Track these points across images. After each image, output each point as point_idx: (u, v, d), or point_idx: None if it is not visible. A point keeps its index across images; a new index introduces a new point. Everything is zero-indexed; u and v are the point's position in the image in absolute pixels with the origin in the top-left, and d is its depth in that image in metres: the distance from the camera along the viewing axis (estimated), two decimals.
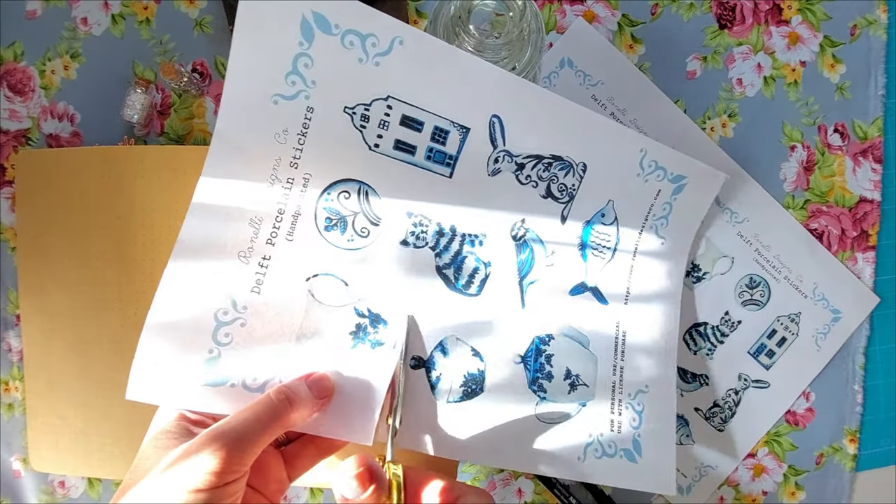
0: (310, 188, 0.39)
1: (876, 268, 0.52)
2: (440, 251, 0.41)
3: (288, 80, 0.37)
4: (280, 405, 0.35)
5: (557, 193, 0.43)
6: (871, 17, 0.51)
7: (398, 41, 0.37)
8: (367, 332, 0.40)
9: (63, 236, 0.48)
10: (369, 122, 0.38)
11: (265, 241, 0.38)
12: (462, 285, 0.42)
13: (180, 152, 0.48)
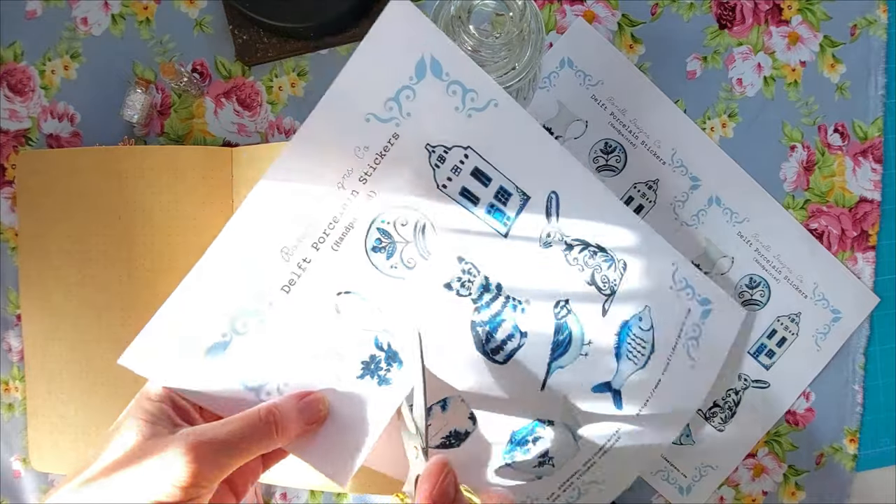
0: (371, 205, 0.39)
1: (876, 268, 0.52)
2: (480, 306, 0.41)
3: (386, 105, 0.38)
4: (265, 427, 0.34)
5: (600, 284, 0.44)
6: (871, 17, 0.51)
7: (493, 103, 0.39)
8: (380, 367, 0.39)
9: (63, 236, 0.48)
10: (444, 164, 0.40)
11: (310, 244, 0.38)
12: (491, 349, 0.42)
13: (180, 152, 0.48)
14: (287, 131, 0.51)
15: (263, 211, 0.37)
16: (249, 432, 0.34)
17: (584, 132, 0.50)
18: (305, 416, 0.36)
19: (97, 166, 0.47)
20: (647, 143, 0.51)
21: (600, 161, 0.50)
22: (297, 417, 0.36)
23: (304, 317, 0.38)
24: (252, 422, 0.34)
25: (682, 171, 0.51)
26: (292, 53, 0.50)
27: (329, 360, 0.39)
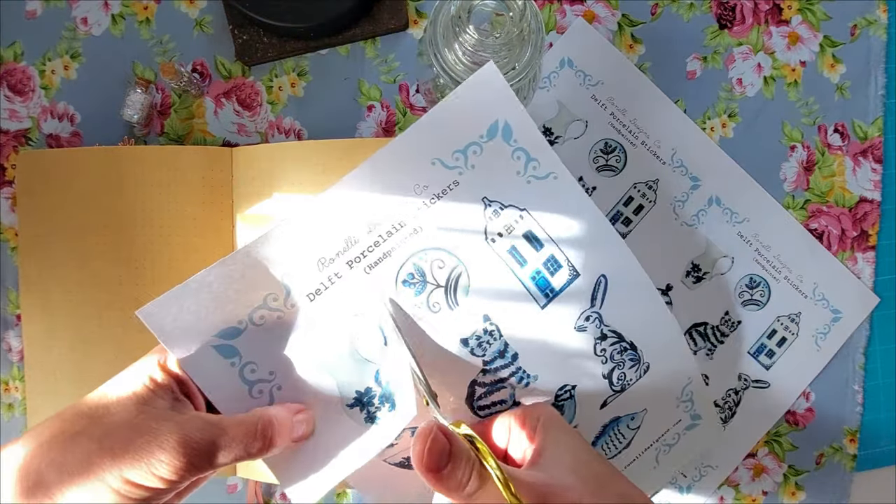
0: (413, 239, 0.39)
1: (876, 268, 0.52)
2: (488, 369, 0.41)
3: (453, 155, 0.40)
4: (261, 440, 0.35)
5: (615, 380, 0.43)
6: (871, 17, 0.51)
7: (553, 176, 0.41)
8: (372, 402, 0.39)
9: (63, 236, 0.48)
10: (497, 219, 0.41)
11: (346, 261, 0.39)
12: (478, 406, 0.42)
13: (180, 152, 0.48)
14: (287, 131, 0.51)
15: (316, 219, 0.38)
16: (246, 442, 0.34)
17: (584, 132, 0.50)
18: (296, 433, 0.37)
19: (97, 166, 0.47)
20: (647, 143, 0.51)
21: (600, 161, 0.50)
22: (288, 434, 0.36)
23: (319, 328, 0.39)
24: (250, 431, 0.34)
25: (682, 171, 0.51)
26: (292, 53, 0.50)
27: (328, 378, 0.39)
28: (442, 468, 0.32)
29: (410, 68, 0.51)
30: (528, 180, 0.41)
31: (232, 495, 0.51)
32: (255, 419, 0.35)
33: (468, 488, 0.32)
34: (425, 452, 0.32)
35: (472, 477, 0.32)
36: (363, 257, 0.39)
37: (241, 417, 0.35)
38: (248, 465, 0.48)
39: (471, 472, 0.32)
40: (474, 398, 0.41)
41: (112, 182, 0.47)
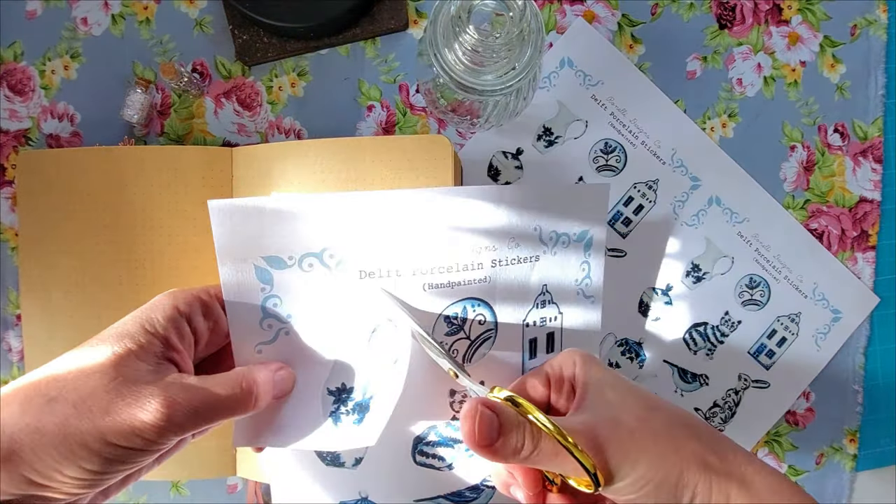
0: (479, 286, 0.40)
1: (876, 268, 0.52)
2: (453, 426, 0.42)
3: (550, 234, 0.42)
4: (245, 398, 0.35)
5: None
6: (871, 17, 0.51)
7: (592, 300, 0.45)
8: (346, 404, 0.39)
9: (63, 236, 0.48)
10: (541, 309, 0.43)
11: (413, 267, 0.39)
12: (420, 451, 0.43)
13: (180, 152, 0.48)
14: (287, 131, 0.51)
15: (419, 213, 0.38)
16: (230, 401, 0.34)
17: (584, 132, 0.50)
18: (277, 390, 0.37)
19: (97, 166, 0.47)
20: (647, 143, 0.51)
21: (600, 161, 0.50)
22: (270, 392, 0.36)
23: (352, 306, 0.38)
24: (234, 391, 0.34)
25: (682, 171, 0.51)
26: (292, 53, 0.50)
27: (329, 354, 0.39)
28: (494, 441, 0.32)
29: (410, 68, 0.51)
30: (577, 292, 0.44)
31: (232, 495, 0.51)
32: (239, 379, 0.35)
33: (524, 452, 0.33)
34: (476, 431, 0.32)
35: (526, 439, 0.33)
36: (429, 273, 0.39)
37: (224, 378, 0.35)
38: (249, 466, 0.48)
39: (523, 435, 0.33)
40: (419, 441, 0.43)
41: (112, 182, 0.47)
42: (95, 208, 0.47)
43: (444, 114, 0.47)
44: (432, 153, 0.45)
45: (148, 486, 0.50)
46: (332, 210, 0.38)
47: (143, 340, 0.34)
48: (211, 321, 0.37)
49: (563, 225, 0.42)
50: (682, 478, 0.32)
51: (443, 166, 0.45)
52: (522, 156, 0.50)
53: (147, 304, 0.36)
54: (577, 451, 0.32)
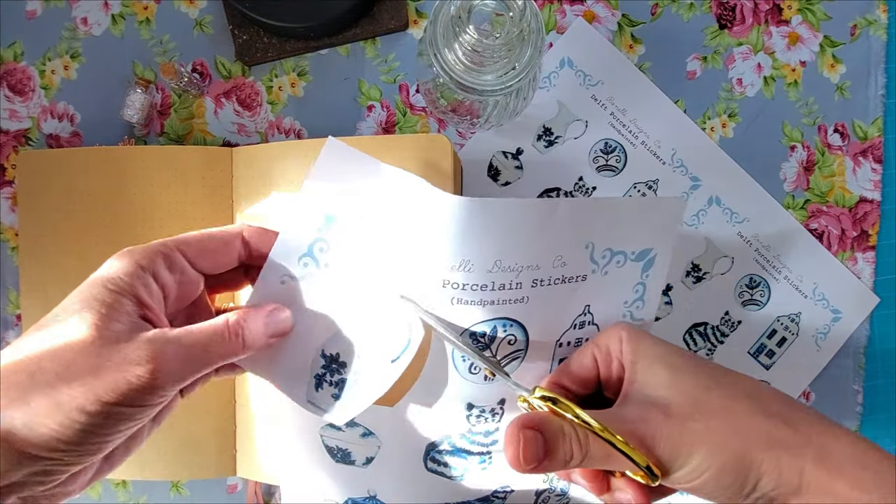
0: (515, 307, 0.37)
1: (876, 268, 0.52)
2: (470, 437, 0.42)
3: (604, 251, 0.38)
4: (232, 339, 0.34)
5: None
6: (871, 17, 0.51)
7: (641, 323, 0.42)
8: (332, 374, 0.39)
9: (63, 236, 0.48)
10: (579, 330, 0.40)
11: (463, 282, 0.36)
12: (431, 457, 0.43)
13: (180, 152, 0.48)
14: (287, 131, 0.51)
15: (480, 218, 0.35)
16: (216, 344, 0.33)
17: (584, 132, 0.50)
18: (271, 329, 0.36)
19: (97, 166, 0.47)
20: (647, 143, 0.51)
21: (600, 161, 0.50)
22: (263, 330, 0.36)
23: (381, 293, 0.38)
24: (219, 333, 0.33)
25: (682, 171, 0.51)
26: (292, 53, 0.50)
27: (339, 321, 0.38)
28: (542, 460, 0.31)
29: (410, 68, 0.51)
30: (624, 314, 0.41)
31: (232, 495, 0.51)
32: (224, 322, 0.34)
33: (573, 461, 0.32)
34: (521, 456, 0.31)
35: (574, 449, 0.32)
36: (459, 289, 0.36)
37: (209, 323, 0.34)
38: (249, 466, 0.48)
39: (570, 446, 0.32)
40: (430, 448, 0.43)
41: (112, 182, 0.47)
42: (95, 208, 0.47)
43: (444, 114, 0.47)
44: (432, 152, 0.45)
45: (148, 486, 0.50)
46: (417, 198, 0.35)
47: (111, 301, 0.32)
48: (176, 273, 0.35)
49: (622, 242, 0.38)
50: (746, 459, 0.30)
51: (442, 165, 0.45)
52: (522, 156, 0.50)
53: (103, 266, 0.34)
54: (627, 448, 0.31)
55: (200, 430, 0.48)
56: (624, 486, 0.34)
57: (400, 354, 0.37)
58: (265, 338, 0.36)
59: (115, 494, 0.50)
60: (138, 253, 0.34)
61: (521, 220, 0.35)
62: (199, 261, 0.36)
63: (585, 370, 0.37)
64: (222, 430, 0.48)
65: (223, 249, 0.37)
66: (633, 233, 0.38)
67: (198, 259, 0.36)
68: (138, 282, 0.33)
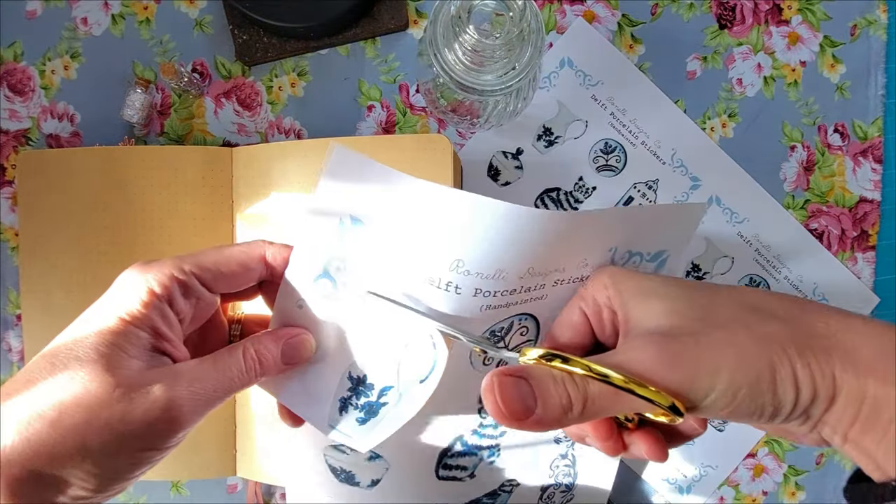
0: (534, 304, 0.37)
1: (876, 268, 0.52)
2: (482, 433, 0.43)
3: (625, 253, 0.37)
4: (248, 375, 0.33)
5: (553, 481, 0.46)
6: (871, 17, 0.51)
7: None
8: (359, 397, 0.37)
9: (63, 236, 0.48)
10: None
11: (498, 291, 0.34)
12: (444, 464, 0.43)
13: (180, 152, 0.48)
14: (287, 131, 0.51)
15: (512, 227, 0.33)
16: (235, 379, 0.33)
17: (584, 132, 0.50)
18: (287, 357, 0.35)
19: (97, 166, 0.47)
20: (647, 143, 0.51)
21: (600, 161, 0.50)
22: (277, 361, 0.35)
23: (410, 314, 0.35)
24: (236, 369, 0.33)
25: (682, 171, 0.51)
26: (292, 53, 0.50)
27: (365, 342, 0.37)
28: (532, 408, 0.28)
29: (410, 68, 0.51)
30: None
31: (232, 495, 0.51)
32: (239, 353, 0.33)
33: (575, 408, 0.28)
34: (500, 404, 0.28)
35: (570, 392, 0.28)
36: (493, 295, 0.34)
37: (226, 357, 0.33)
38: (249, 466, 0.48)
39: (565, 389, 0.28)
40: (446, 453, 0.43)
41: (112, 182, 0.47)
42: (96, 208, 0.47)
43: (444, 114, 0.47)
44: (432, 152, 0.45)
45: (148, 486, 0.50)
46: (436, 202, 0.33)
47: (128, 334, 0.31)
48: (192, 299, 0.34)
49: (642, 245, 0.38)
50: (776, 368, 0.26)
51: (442, 165, 0.46)
52: (522, 156, 0.50)
53: (115, 289, 0.32)
54: (643, 389, 0.26)
55: (200, 430, 0.47)
56: (638, 440, 0.32)
57: (428, 374, 0.36)
58: (283, 366, 0.35)
59: None
60: (153, 278, 0.32)
61: (556, 230, 0.33)
62: (217, 285, 0.35)
63: (576, 328, 0.34)
64: (222, 430, 0.48)
65: (243, 275, 0.35)
66: (653, 236, 0.38)
67: (215, 284, 0.35)
68: (154, 312, 0.32)
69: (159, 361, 0.31)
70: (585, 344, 0.34)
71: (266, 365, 0.34)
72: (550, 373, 0.28)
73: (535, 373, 0.28)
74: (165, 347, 0.32)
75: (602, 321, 0.33)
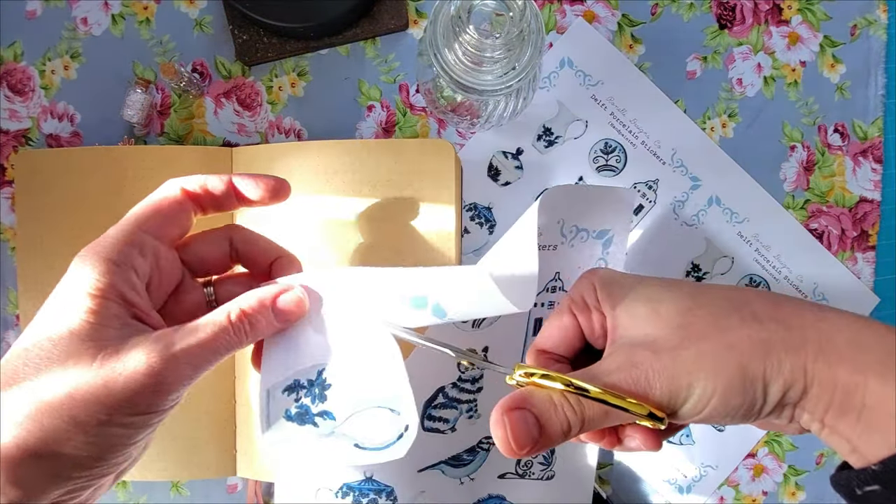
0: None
1: (876, 268, 0.52)
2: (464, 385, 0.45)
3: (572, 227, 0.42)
4: (236, 336, 0.32)
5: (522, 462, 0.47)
6: (871, 17, 0.51)
7: None
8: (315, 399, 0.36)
9: (63, 236, 0.47)
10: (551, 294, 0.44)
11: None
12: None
13: (180, 152, 0.48)
14: (287, 131, 0.51)
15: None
16: (221, 343, 0.32)
17: (584, 132, 0.50)
18: (281, 317, 0.34)
19: (97, 166, 0.47)
20: (647, 143, 0.51)
21: (600, 161, 0.50)
22: (270, 321, 0.34)
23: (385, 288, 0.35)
24: (223, 331, 0.32)
25: (682, 171, 0.51)
26: (292, 53, 0.50)
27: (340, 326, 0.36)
28: (537, 439, 0.29)
29: (410, 68, 0.51)
30: None
31: (232, 495, 0.51)
32: (226, 314, 0.32)
33: (573, 430, 0.30)
34: (511, 440, 0.29)
35: (569, 417, 0.30)
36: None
37: (211, 318, 0.32)
38: (249, 466, 0.48)
39: (565, 415, 0.30)
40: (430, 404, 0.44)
41: (112, 182, 0.47)
42: (95, 208, 0.47)
43: (444, 114, 0.47)
44: (435, 156, 0.46)
45: (148, 487, 0.50)
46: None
47: (97, 308, 0.30)
48: (149, 257, 0.33)
49: (585, 221, 0.42)
50: (749, 372, 0.29)
51: (445, 169, 0.46)
52: (522, 156, 0.50)
53: (71, 272, 0.32)
54: (624, 402, 0.29)
55: (200, 430, 0.48)
56: (632, 432, 0.33)
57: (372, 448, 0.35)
58: (273, 327, 0.34)
59: (116, 494, 0.50)
60: (105, 249, 0.32)
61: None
62: (163, 230, 0.34)
63: (566, 330, 0.35)
64: (222, 430, 0.48)
65: (178, 209, 0.35)
66: (593, 214, 0.42)
67: (160, 229, 0.34)
68: (118, 279, 0.31)
69: (136, 329, 0.31)
70: (576, 345, 0.36)
71: (256, 323, 0.33)
72: (550, 398, 0.30)
73: (537, 402, 0.30)
74: (138, 314, 0.32)
75: (591, 322, 0.34)
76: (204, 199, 0.36)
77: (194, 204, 0.36)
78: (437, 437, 0.45)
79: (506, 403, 0.30)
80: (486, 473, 0.46)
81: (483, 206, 0.50)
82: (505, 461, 0.47)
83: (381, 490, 0.44)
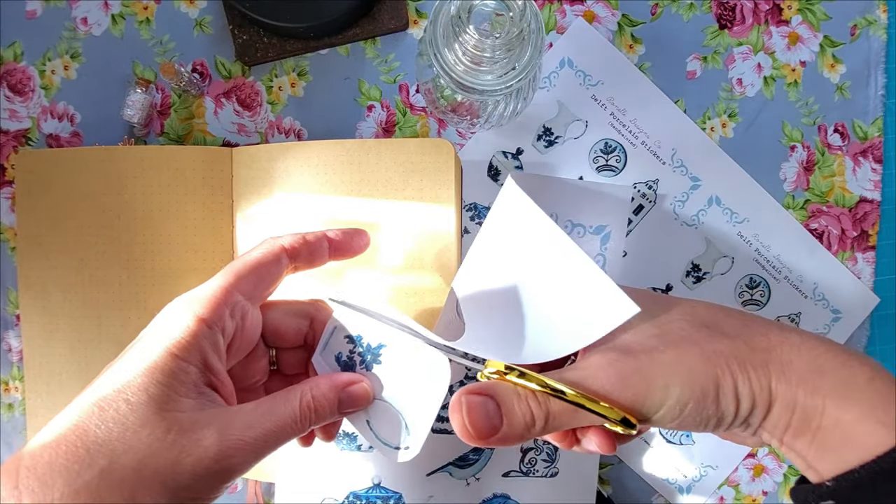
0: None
1: (876, 268, 0.52)
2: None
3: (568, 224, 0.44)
4: (301, 424, 0.31)
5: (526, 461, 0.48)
6: (871, 17, 0.51)
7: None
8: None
9: (63, 236, 0.48)
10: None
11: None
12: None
13: (180, 152, 0.48)
14: (287, 131, 0.51)
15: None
16: (288, 432, 0.31)
17: (584, 132, 0.50)
18: (343, 407, 0.34)
19: (97, 166, 0.47)
20: (647, 143, 0.51)
21: (600, 161, 0.50)
22: (334, 410, 0.33)
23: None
24: (291, 418, 0.31)
25: (682, 171, 0.51)
26: (292, 53, 0.50)
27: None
28: (498, 427, 0.29)
29: (410, 68, 0.51)
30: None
31: (232, 495, 0.51)
32: (295, 403, 0.31)
33: (537, 426, 0.29)
34: (467, 424, 0.29)
35: (535, 413, 0.29)
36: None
37: (282, 403, 0.31)
38: None
39: (530, 410, 0.29)
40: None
41: (112, 182, 0.47)
42: (95, 208, 0.47)
43: (444, 114, 0.47)
44: (435, 156, 0.46)
45: None
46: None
47: (177, 371, 0.29)
48: (237, 317, 0.32)
49: (581, 217, 0.43)
50: (719, 384, 0.29)
51: (445, 169, 0.46)
52: (522, 156, 0.50)
53: (162, 320, 0.31)
54: (595, 405, 0.29)
55: None
56: (590, 434, 0.33)
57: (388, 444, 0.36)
58: (338, 415, 0.34)
59: None
60: (200, 305, 0.31)
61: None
62: (256, 290, 0.33)
63: None
64: None
65: (274, 268, 0.34)
66: (589, 211, 0.43)
67: (254, 289, 0.33)
68: (206, 342, 0.30)
69: (210, 400, 0.30)
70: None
71: (321, 413, 0.32)
72: (515, 390, 0.30)
73: (500, 391, 0.30)
74: (214, 383, 0.31)
75: None
76: (301, 254, 0.36)
77: (290, 260, 0.36)
78: (445, 438, 0.45)
79: (467, 388, 0.30)
80: (491, 472, 0.46)
81: (483, 206, 0.50)
82: (509, 459, 0.47)
83: (389, 497, 0.44)
